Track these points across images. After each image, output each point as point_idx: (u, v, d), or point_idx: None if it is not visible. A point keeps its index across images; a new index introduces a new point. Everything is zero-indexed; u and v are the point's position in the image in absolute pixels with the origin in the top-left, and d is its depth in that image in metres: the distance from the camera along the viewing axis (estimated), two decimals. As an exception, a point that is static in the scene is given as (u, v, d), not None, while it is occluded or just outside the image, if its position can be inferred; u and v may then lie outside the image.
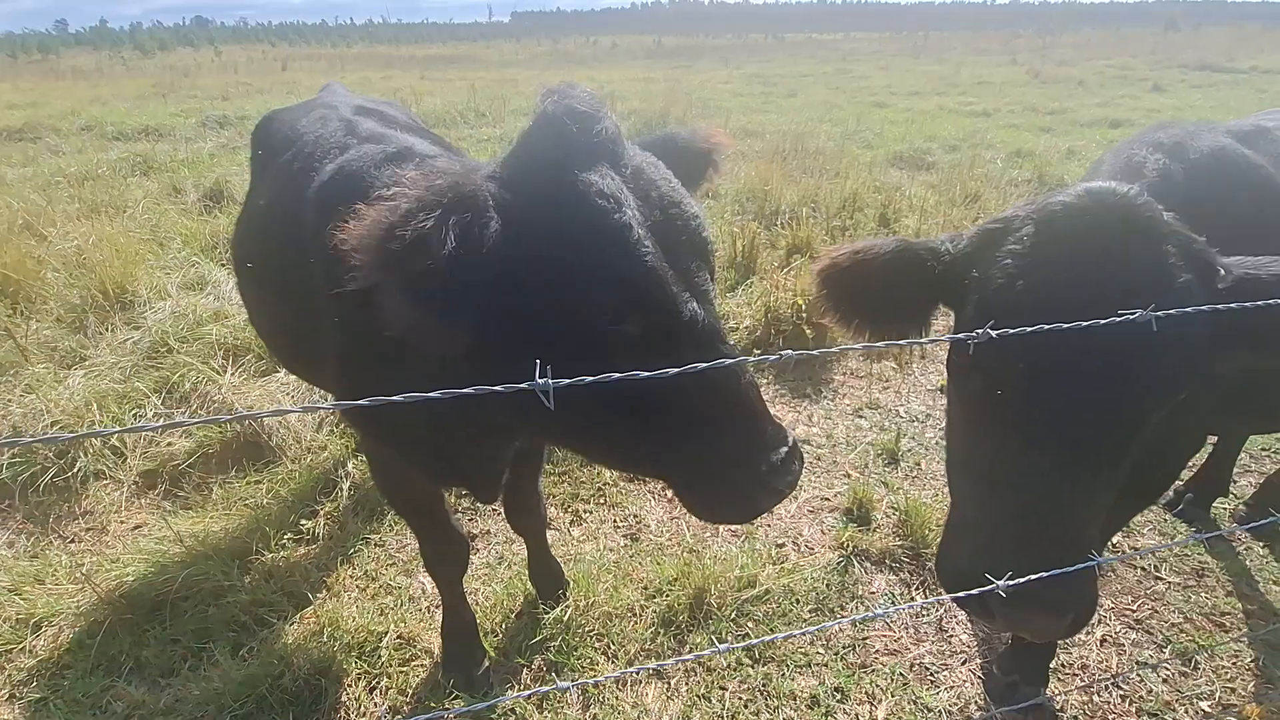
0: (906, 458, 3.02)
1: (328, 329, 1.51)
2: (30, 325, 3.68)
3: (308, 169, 1.70)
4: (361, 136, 1.73)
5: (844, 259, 1.30)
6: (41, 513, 2.57)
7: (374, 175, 1.47)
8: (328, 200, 1.52)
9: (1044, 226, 1.14)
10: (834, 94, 17.41)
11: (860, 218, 5.81)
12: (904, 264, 1.28)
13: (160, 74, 24.86)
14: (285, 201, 1.75)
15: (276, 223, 1.78)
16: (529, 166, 1.07)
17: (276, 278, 1.78)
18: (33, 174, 7.37)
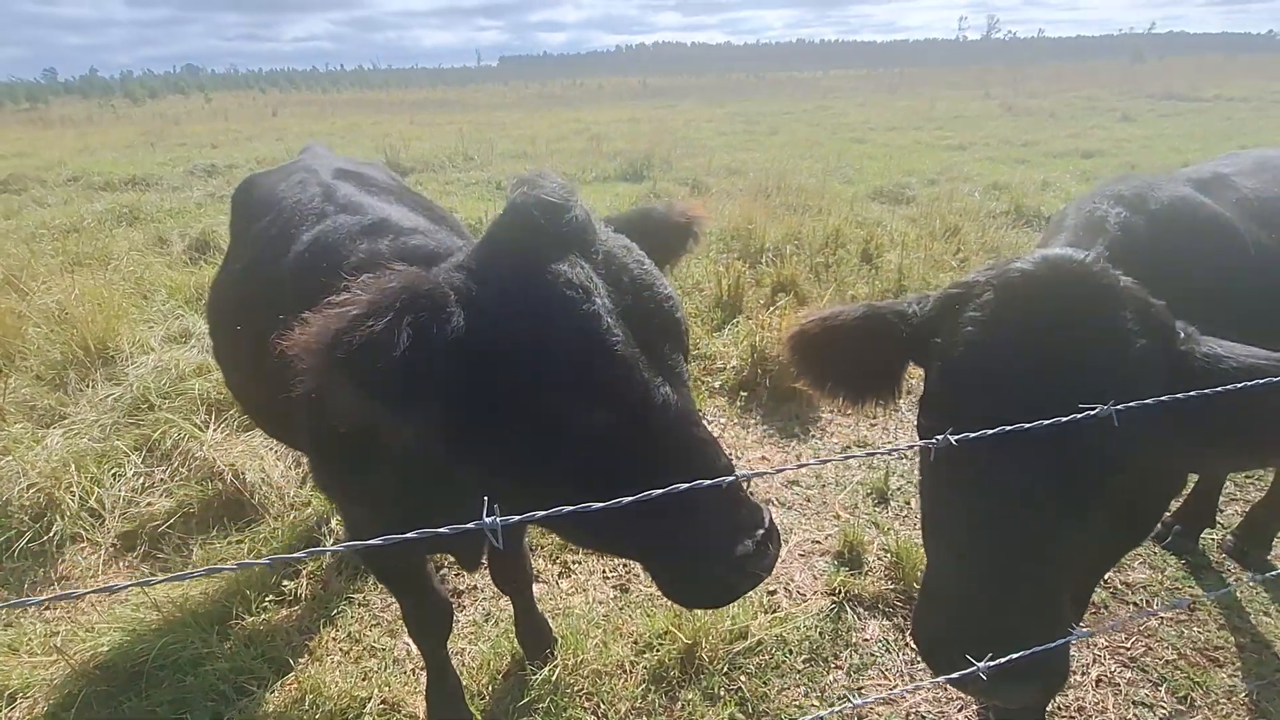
0: (896, 496, 3.01)
1: (300, 397, 1.50)
2: (9, 383, 3.62)
3: (285, 235, 1.72)
4: (339, 204, 1.73)
5: (813, 326, 1.32)
6: (16, 579, 2.51)
7: (349, 248, 1.48)
8: (302, 271, 1.54)
9: (1003, 294, 1.16)
10: (814, 130, 17.82)
11: (843, 254, 5.90)
12: (872, 329, 1.30)
13: (150, 122, 25.17)
14: (261, 268, 1.75)
15: (252, 289, 1.79)
16: (498, 257, 1.08)
17: (251, 343, 1.76)
18: (16, 227, 7.37)
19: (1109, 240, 1.48)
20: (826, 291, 4.99)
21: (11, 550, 2.58)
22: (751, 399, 3.72)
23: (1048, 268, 1.16)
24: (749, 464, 3.27)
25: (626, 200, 8.52)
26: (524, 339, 1.01)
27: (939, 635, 1.20)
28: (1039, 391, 1.06)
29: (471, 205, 8.25)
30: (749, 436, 3.49)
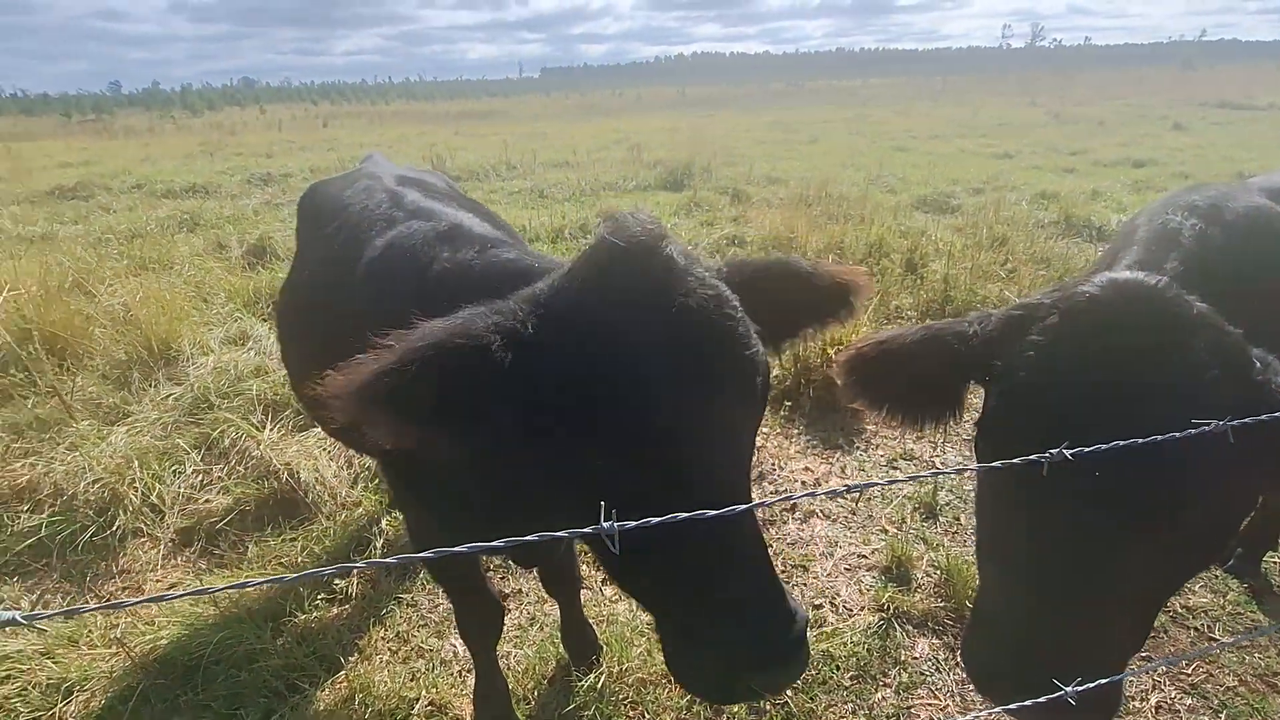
0: (945, 512, 2.93)
1: None
2: (76, 382, 3.80)
3: (354, 240, 1.76)
4: (407, 209, 1.77)
5: (869, 350, 1.29)
6: (79, 571, 2.61)
7: (428, 254, 1.50)
8: (378, 276, 1.58)
9: (1068, 318, 1.12)
10: (855, 139, 17.64)
11: (887, 263, 5.80)
12: (930, 351, 1.26)
13: (208, 132, 26.21)
14: (332, 273, 1.80)
15: (323, 293, 1.84)
16: (570, 295, 1.04)
17: (321, 348, 1.81)
18: (84, 231, 7.73)
19: (1184, 253, 1.42)
20: (870, 302, 4.91)
21: (76, 544, 2.68)
22: (794, 409, 3.68)
23: (1115, 292, 1.10)
24: (791, 475, 3.23)
25: (666, 209, 8.53)
26: (570, 390, 0.97)
27: (995, 664, 1.16)
28: (1105, 421, 1.01)
29: (515, 213, 8.38)
30: (792, 447, 3.44)
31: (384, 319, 1.51)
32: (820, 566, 2.65)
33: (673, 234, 1.08)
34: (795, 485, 3.16)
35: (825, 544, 2.79)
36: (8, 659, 2.13)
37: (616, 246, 1.01)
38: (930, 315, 4.89)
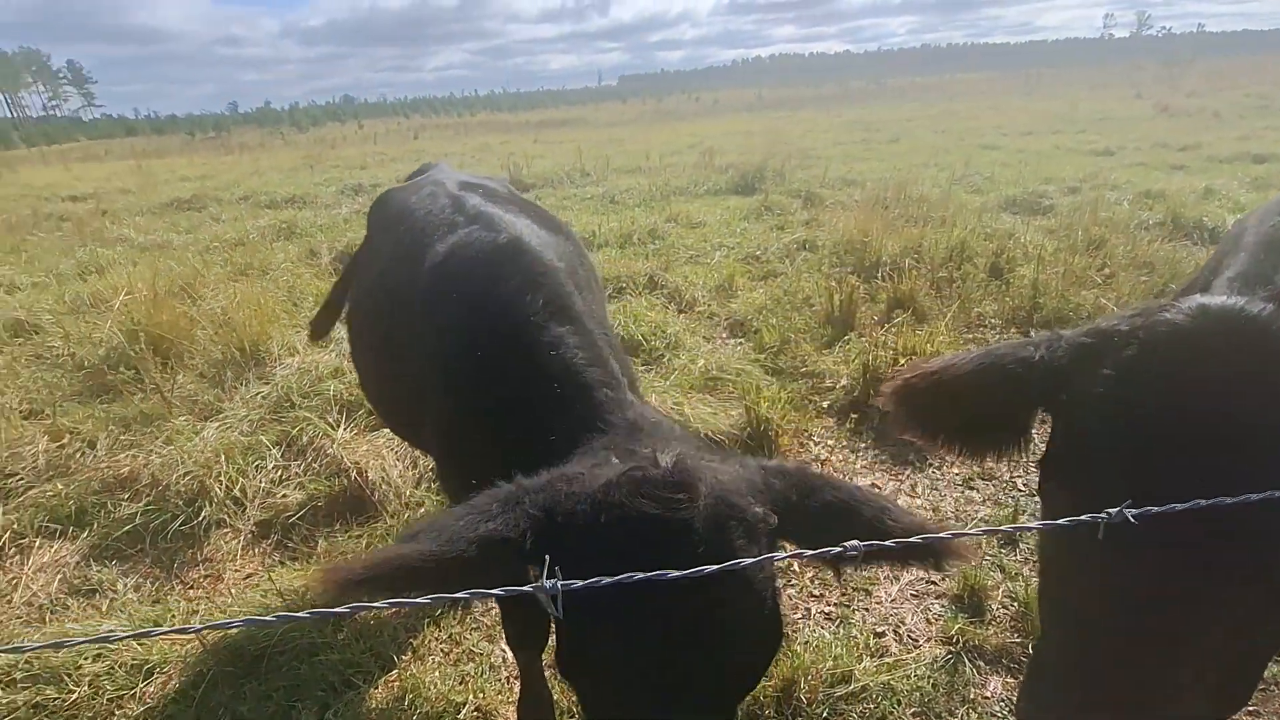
0: (1026, 538, 2.71)
1: (429, 398, 1.58)
2: (177, 380, 4.10)
3: (419, 245, 1.82)
4: (468, 214, 1.81)
5: (919, 380, 1.17)
6: (168, 558, 2.79)
7: (485, 271, 1.54)
8: (437, 283, 1.63)
9: (1148, 350, 0.95)
10: (939, 137, 16.87)
11: (969, 268, 5.49)
12: (990, 380, 1.12)
13: (311, 147, 28.01)
14: (397, 277, 1.87)
15: (388, 296, 1.91)
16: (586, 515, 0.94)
17: (386, 347, 1.89)
18: (194, 240, 8.39)
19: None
20: (949, 309, 4.65)
21: (166, 532, 2.88)
22: (862, 421, 3.52)
23: (1205, 321, 0.93)
24: (858, 492, 3.08)
25: (736, 213, 8.42)
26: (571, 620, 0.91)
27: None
28: (1184, 473, 0.87)
29: (586, 219, 8.48)
30: (859, 461, 3.29)
31: (442, 331, 1.55)
32: (884, 591, 2.50)
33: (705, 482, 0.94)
34: (860, 502, 3.01)
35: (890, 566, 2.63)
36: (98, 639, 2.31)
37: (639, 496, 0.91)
38: (1016, 324, 4.58)
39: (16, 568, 2.77)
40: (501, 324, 1.42)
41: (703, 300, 5.41)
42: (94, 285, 5.80)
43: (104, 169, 21.32)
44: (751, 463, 1.07)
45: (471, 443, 1.49)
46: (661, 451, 0.98)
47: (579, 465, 1.06)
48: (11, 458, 3.27)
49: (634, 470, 0.93)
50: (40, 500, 3.07)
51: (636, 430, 1.21)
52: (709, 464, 1.00)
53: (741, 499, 0.96)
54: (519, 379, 1.36)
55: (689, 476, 0.92)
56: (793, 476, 1.05)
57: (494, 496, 0.98)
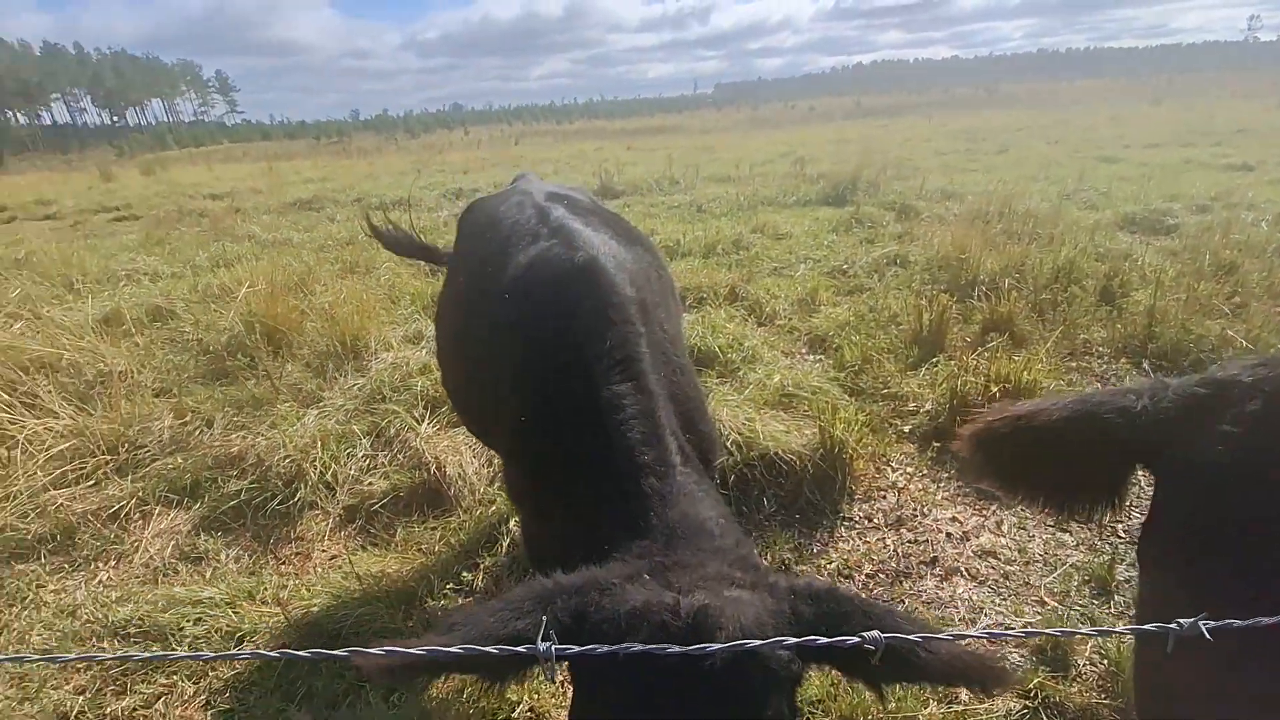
0: (1124, 591, 2.49)
1: (500, 405, 1.65)
2: (286, 368, 4.44)
3: (504, 253, 1.89)
4: (551, 227, 1.85)
5: (1003, 425, 1.08)
6: (265, 534, 3.03)
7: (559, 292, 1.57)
8: (516, 296, 1.69)
9: (1275, 406, 0.84)
10: (1053, 148, 15.83)
11: (1076, 290, 5.11)
12: (1085, 430, 1.02)
13: (421, 152, 29.71)
14: (482, 283, 1.93)
15: (471, 301, 2.00)
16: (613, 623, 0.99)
17: (466, 351, 1.99)
18: (311, 238, 9.04)
19: None
20: (1051, 334, 4.34)
21: (265, 509, 3.12)
22: (946, 450, 3.34)
23: None
24: (935, 525, 2.93)
25: (824, 225, 8.21)
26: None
27: None
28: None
29: (671, 227, 8.52)
30: (939, 493, 3.13)
31: (515, 345, 1.61)
32: (959, 631, 2.36)
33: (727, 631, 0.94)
34: (939, 536, 2.86)
35: (968, 608, 2.49)
36: (202, 604, 2.54)
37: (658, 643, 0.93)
38: (1129, 353, 4.22)
39: (139, 531, 3.08)
40: (572, 359, 1.44)
41: (784, 314, 5.31)
42: (222, 277, 6.37)
43: (241, 170, 23.46)
44: (781, 586, 1.04)
45: (532, 457, 1.54)
46: (686, 594, 0.99)
47: (614, 571, 1.07)
48: (142, 431, 3.64)
49: (654, 614, 0.96)
50: (162, 472, 3.40)
51: (674, 540, 1.19)
52: (735, 600, 0.99)
53: (767, 649, 0.92)
54: (578, 423, 1.38)
55: (707, 627, 0.93)
56: (824, 601, 1.01)
57: (530, 592, 1.02)
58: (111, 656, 1.07)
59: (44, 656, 0.99)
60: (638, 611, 0.97)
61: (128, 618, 2.53)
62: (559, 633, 0.96)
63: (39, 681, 2.26)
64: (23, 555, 2.92)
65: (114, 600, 2.65)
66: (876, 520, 2.99)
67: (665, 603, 0.98)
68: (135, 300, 5.88)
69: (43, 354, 4.42)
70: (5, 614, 2.61)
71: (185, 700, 2.20)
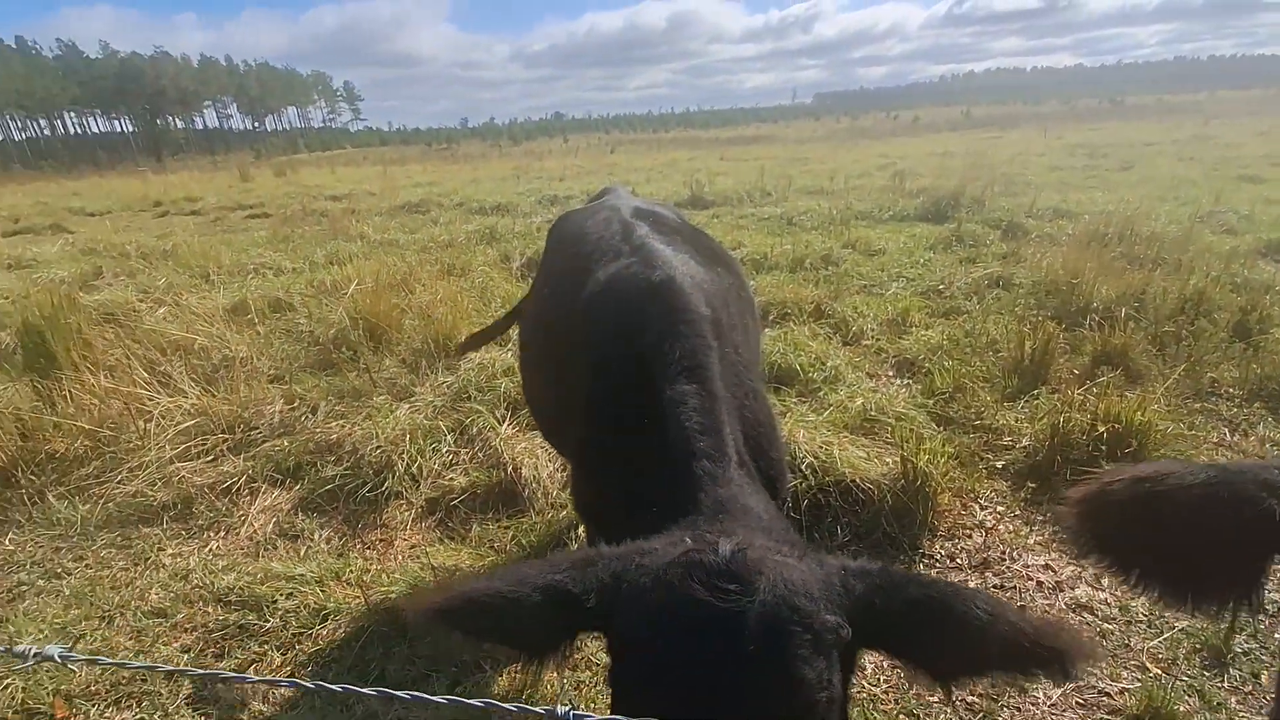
0: (1241, 663, 2.23)
1: (574, 415, 1.70)
2: (384, 363, 4.72)
3: (585, 267, 1.92)
4: (634, 244, 1.88)
5: (1120, 488, 0.94)
6: (354, 519, 3.22)
7: (634, 309, 1.59)
8: (593, 311, 1.73)
9: None
10: (1185, 166, 14.46)
11: (1206, 324, 4.64)
12: (1221, 505, 0.87)
13: (521, 159, 30.88)
14: (563, 296, 1.98)
15: (553, 313, 2.05)
16: (649, 590, 0.97)
17: (545, 361, 2.06)
18: (415, 239, 9.57)
19: None
20: (1172, 370, 3.97)
21: (356, 496, 3.32)
22: (1042, 491, 3.12)
23: None
24: (1025, 571, 2.74)
25: (922, 242, 7.87)
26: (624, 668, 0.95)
27: None
28: None
29: (759, 240, 8.43)
30: (1032, 536, 2.92)
31: (589, 359, 1.65)
32: (1044, 694, 2.19)
33: (767, 577, 0.89)
34: (1028, 584, 2.67)
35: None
36: (295, 580, 2.73)
37: (691, 579, 0.91)
38: (1265, 397, 3.79)
39: (246, 506, 3.35)
40: (639, 371, 1.46)
41: (871, 333, 5.13)
42: (335, 274, 6.87)
43: (359, 173, 25.18)
44: (832, 563, 0.99)
45: (598, 469, 1.57)
46: (727, 537, 0.96)
47: (660, 540, 1.06)
48: (256, 414, 3.97)
49: (692, 553, 0.93)
50: (270, 453, 3.69)
51: (721, 512, 1.19)
52: (779, 559, 0.95)
53: (809, 602, 0.88)
54: (640, 429, 1.40)
55: (746, 568, 0.89)
56: (876, 577, 0.95)
57: (571, 556, 1.02)
58: (112, 663, 1.16)
59: (39, 656, 1.09)
60: (676, 560, 0.94)
61: (230, 586, 2.76)
62: (596, 590, 0.95)
63: (154, 637, 2.52)
64: (148, 520, 3.25)
65: (220, 568, 2.90)
66: (960, 560, 2.83)
67: (705, 541, 0.97)
68: (260, 292, 6.43)
69: (179, 338, 4.91)
70: (130, 571, 2.92)
71: (273, 669, 2.38)
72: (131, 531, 3.17)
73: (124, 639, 2.52)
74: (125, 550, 3.05)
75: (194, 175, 29.14)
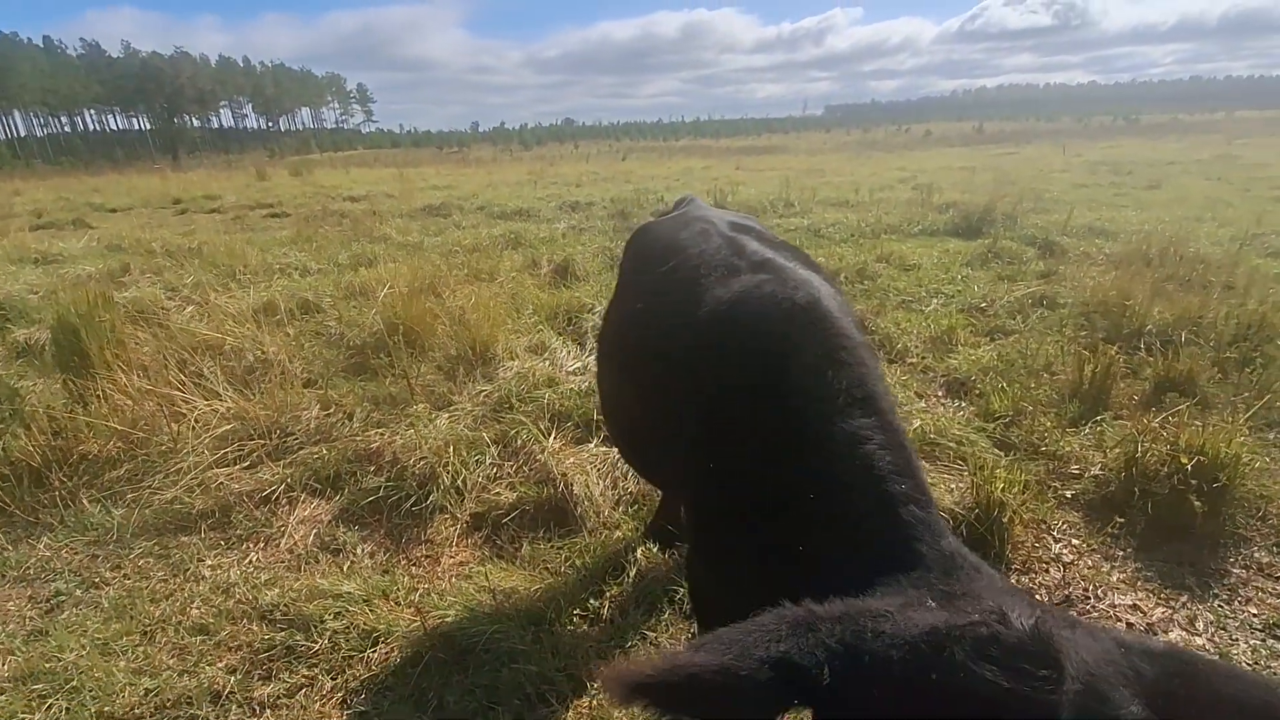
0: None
1: (683, 444, 1.55)
2: (420, 369, 4.61)
3: (694, 282, 1.79)
4: (750, 260, 1.75)
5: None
6: (398, 533, 3.09)
7: (779, 331, 1.44)
8: (720, 331, 1.57)
9: None
10: (1216, 186, 14.28)
11: (1271, 350, 4.48)
12: None
13: (534, 164, 30.87)
14: (668, 310, 1.84)
15: (654, 332, 1.89)
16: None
17: (645, 379, 1.88)
18: (440, 243, 9.48)
19: None
20: (1241, 398, 3.82)
21: (401, 509, 3.20)
22: (1124, 525, 2.97)
23: None
24: (1112, 611, 2.59)
25: (958, 258, 7.73)
26: None
27: None
28: None
29: (789, 252, 8.29)
30: (1115, 574, 2.76)
31: (715, 385, 1.50)
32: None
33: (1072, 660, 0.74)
34: (1118, 625, 2.52)
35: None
36: (341, 598, 2.61)
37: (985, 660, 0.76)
38: (1343, 431, 3.63)
39: (285, 516, 3.23)
40: (791, 401, 1.31)
41: (915, 351, 5.00)
42: (362, 276, 6.77)
43: (374, 174, 25.20)
44: (1103, 635, 0.82)
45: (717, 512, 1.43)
46: (1010, 609, 0.79)
47: (883, 602, 0.90)
48: (292, 419, 3.86)
49: (979, 625, 0.77)
50: (308, 460, 3.57)
51: (954, 569, 1.01)
52: (1069, 634, 0.79)
53: (1117, 692, 0.73)
54: (799, 473, 1.23)
55: (1056, 649, 0.73)
56: (1164, 661, 0.77)
57: (782, 618, 0.86)
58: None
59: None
60: (941, 630, 0.78)
61: (274, 603, 2.63)
62: (830, 664, 0.80)
63: (197, 655, 2.39)
64: (186, 528, 3.14)
65: (263, 583, 2.77)
66: (1040, 596, 2.67)
67: (990, 610, 0.80)
68: (287, 292, 6.34)
69: (210, 338, 4.81)
70: (170, 582, 2.80)
71: (324, 695, 2.25)
72: (169, 540, 3.05)
73: (166, 656, 2.39)
74: (164, 560, 2.93)
75: (211, 173, 29.27)
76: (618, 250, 8.31)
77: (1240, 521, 2.93)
